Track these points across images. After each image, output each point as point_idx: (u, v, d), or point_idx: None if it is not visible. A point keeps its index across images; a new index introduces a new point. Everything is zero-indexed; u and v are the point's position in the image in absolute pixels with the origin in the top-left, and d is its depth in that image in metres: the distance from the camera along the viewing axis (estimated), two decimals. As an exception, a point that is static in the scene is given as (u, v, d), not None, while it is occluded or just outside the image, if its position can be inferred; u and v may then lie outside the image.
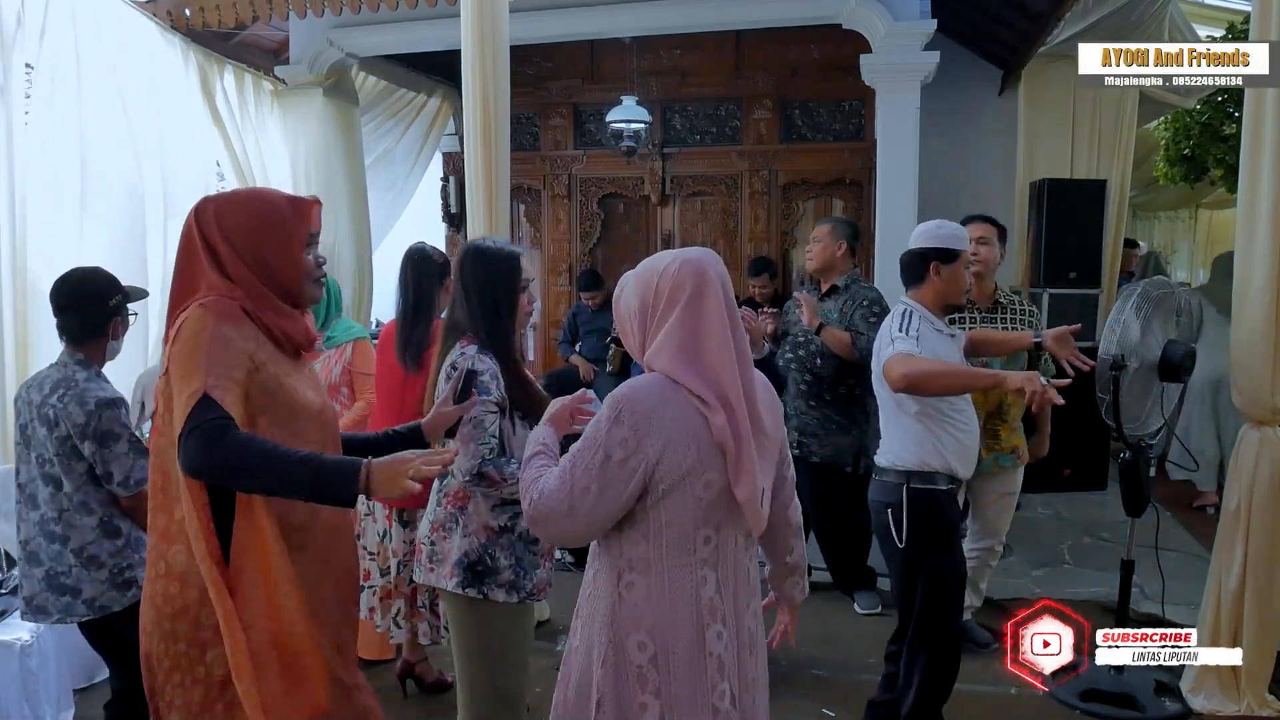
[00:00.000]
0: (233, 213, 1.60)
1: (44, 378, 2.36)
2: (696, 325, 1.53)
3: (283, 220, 1.61)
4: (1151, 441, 3.01)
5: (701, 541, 1.56)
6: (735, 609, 1.60)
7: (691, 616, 1.54)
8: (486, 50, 3.29)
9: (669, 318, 1.54)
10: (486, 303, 2.14)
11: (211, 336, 1.49)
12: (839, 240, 3.79)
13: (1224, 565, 2.93)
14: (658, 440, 1.50)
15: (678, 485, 1.52)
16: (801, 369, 3.75)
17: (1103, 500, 5.26)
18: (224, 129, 4.79)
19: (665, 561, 1.56)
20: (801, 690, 3.18)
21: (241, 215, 1.60)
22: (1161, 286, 2.95)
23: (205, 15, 4.35)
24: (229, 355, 1.49)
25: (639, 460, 1.50)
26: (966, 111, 5.88)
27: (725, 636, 1.57)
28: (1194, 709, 2.93)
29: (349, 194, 5.34)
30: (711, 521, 1.56)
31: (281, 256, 1.60)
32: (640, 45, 5.99)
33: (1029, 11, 4.75)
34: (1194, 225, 10.51)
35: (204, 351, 1.48)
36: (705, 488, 1.53)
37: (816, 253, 3.79)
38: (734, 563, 1.61)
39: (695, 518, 1.54)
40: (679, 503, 1.53)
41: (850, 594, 3.95)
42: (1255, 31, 2.80)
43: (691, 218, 6.54)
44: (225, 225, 1.58)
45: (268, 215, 1.61)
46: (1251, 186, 2.82)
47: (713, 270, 1.57)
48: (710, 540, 1.57)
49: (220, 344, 1.49)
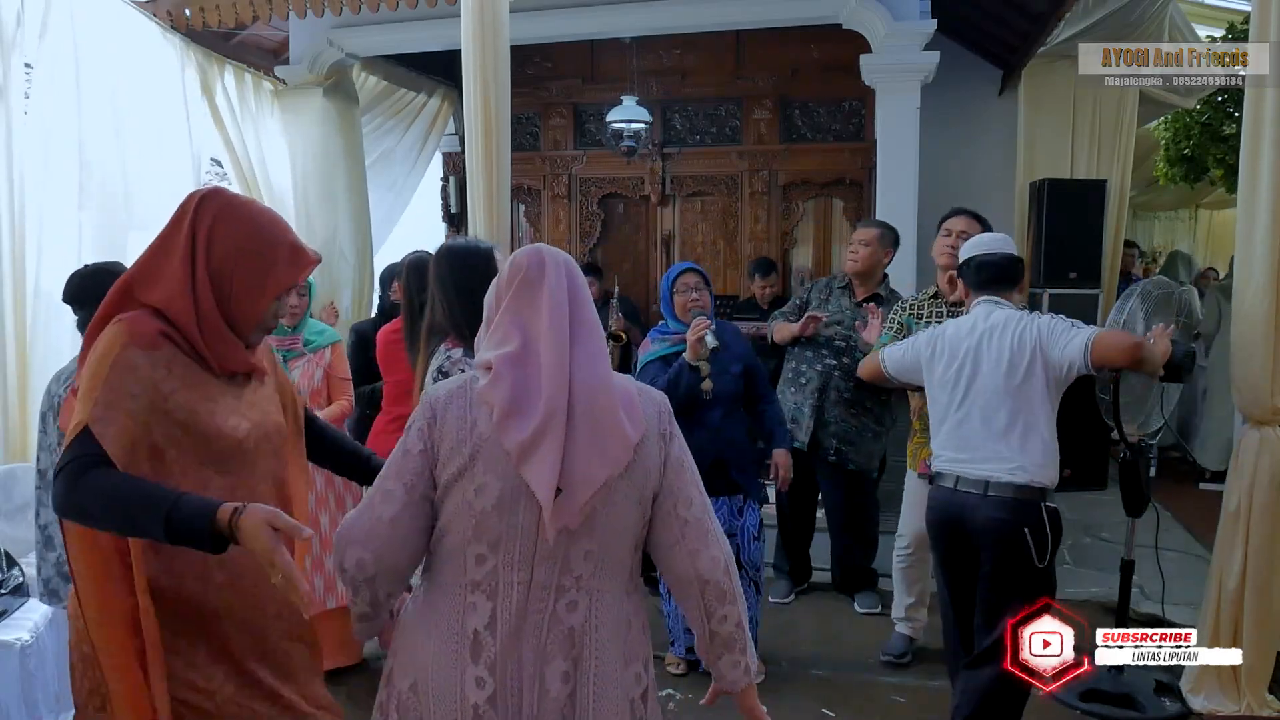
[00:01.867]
0: (230, 221, 1.50)
1: (67, 371, 2.43)
2: (518, 318, 1.38)
3: (273, 262, 1.51)
4: (1152, 441, 3.00)
5: (474, 560, 1.33)
6: (518, 660, 1.30)
7: (447, 650, 1.31)
8: (487, 50, 3.29)
9: (498, 311, 1.43)
10: (465, 303, 2.13)
11: (114, 362, 1.38)
12: (887, 247, 3.73)
13: (1224, 565, 2.93)
14: (439, 432, 1.36)
15: (451, 486, 1.34)
16: (846, 375, 3.67)
17: (1103, 500, 5.25)
18: (224, 129, 4.79)
19: (436, 576, 1.39)
20: (801, 690, 3.18)
21: (238, 231, 1.49)
22: (1162, 286, 2.95)
23: (205, 15, 4.35)
24: (127, 384, 1.38)
25: (426, 453, 1.36)
26: (966, 111, 5.87)
27: (489, 688, 1.30)
28: (1194, 709, 2.93)
29: (349, 194, 5.34)
30: (485, 538, 1.32)
31: (248, 292, 1.50)
32: (640, 45, 5.99)
33: (1029, 11, 4.75)
34: (1194, 225, 10.52)
35: (102, 378, 1.37)
36: (478, 493, 1.32)
37: (864, 256, 3.68)
38: (521, 599, 1.31)
39: (466, 528, 1.33)
40: (452, 508, 1.34)
41: (850, 594, 3.95)
42: (1255, 31, 2.80)
43: (691, 218, 6.54)
44: (217, 229, 1.48)
45: (260, 249, 1.50)
46: (1251, 187, 2.82)
47: (550, 261, 1.41)
48: (485, 561, 1.32)
49: (120, 371, 1.38)
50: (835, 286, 3.84)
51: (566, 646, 1.32)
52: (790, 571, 4.05)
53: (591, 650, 1.33)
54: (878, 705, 3.08)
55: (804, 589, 4.08)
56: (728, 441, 3.15)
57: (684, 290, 3.17)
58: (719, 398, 3.12)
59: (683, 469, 1.41)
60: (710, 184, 6.41)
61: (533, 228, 6.78)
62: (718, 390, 3.11)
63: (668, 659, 3.32)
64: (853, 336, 3.62)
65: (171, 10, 4.37)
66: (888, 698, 3.13)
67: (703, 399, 3.11)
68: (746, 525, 3.20)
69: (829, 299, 3.81)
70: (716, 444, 3.12)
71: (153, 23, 4.30)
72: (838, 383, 3.71)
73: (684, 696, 3.13)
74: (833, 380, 3.71)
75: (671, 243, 6.54)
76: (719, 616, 1.40)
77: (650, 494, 1.38)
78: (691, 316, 3.11)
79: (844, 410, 3.72)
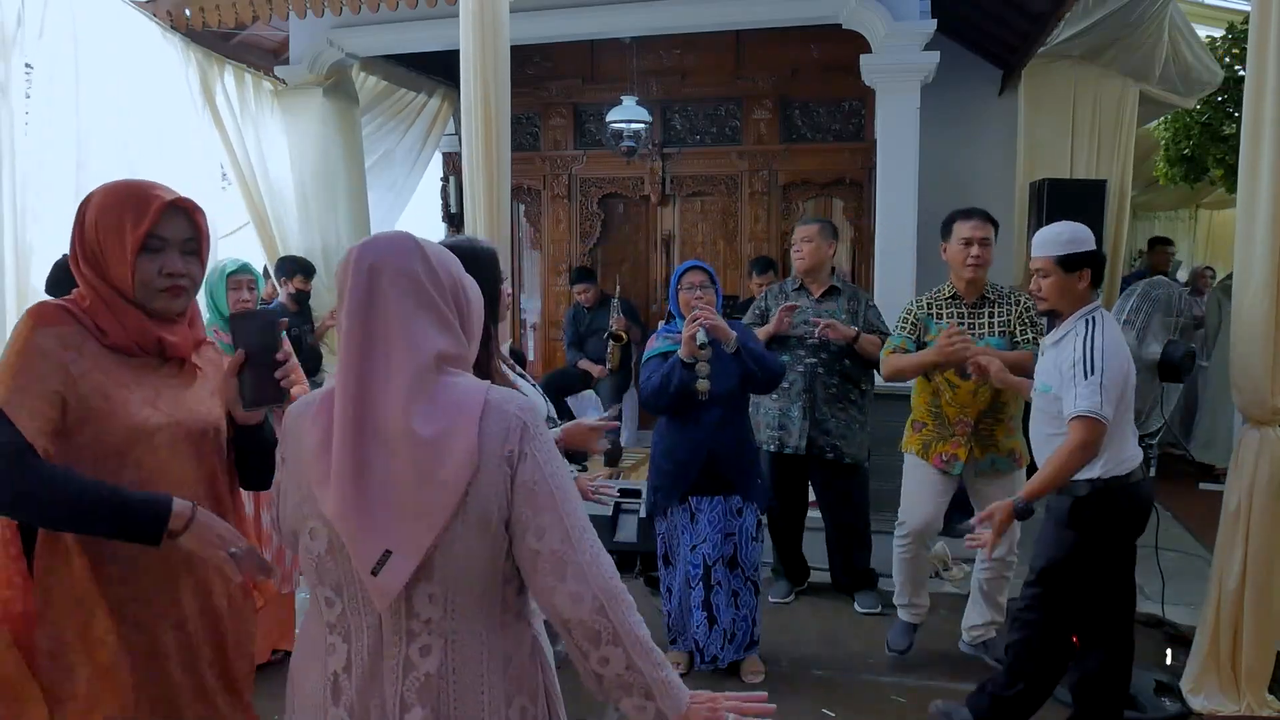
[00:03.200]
0: (96, 198, 1.50)
1: None
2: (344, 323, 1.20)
3: (120, 218, 1.47)
4: (1152, 442, 3.00)
5: (325, 602, 1.22)
6: (380, 703, 1.18)
7: (317, 688, 1.23)
8: (487, 50, 3.29)
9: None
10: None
11: (22, 347, 1.40)
12: (829, 240, 3.83)
13: (1224, 565, 2.93)
14: (287, 450, 1.25)
15: (295, 519, 1.23)
16: (829, 371, 3.73)
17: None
18: (224, 129, 4.80)
19: (310, 610, 1.28)
20: (801, 690, 3.18)
21: (99, 204, 1.49)
22: (1162, 286, 2.95)
23: (205, 15, 4.35)
24: (36, 366, 1.39)
25: (279, 481, 1.27)
26: (966, 111, 5.87)
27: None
28: (1194, 709, 2.93)
29: (349, 194, 5.35)
30: (328, 581, 1.21)
31: (113, 251, 1.47)
32: (640, 45, 5.99)
33: (1029, 11, 4.74)
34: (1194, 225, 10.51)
35: (10, 362, 1.39)
36: (312, 536, 1.20)
37: (808, 252, 3.78)
38: (374, 642, 1.19)
39: (310, 571, 1.22)
40: (300, 546, 1.23)
41: (850, 594, 3.96)
42: (1255, 31, 2.80)
43: (691, 218, 6.54)
44: (87, 212, 1.49)
45: (112, 208, 1.48)
46: (1251, 187, 2.82)
47: (354, 261, 1.20)
48: (334, 604, 1.21)
49: (29, 355, 1.39)
50: (789, 289, 3.90)
51: (425, 694, 1.18)
52: (787, 572, 4.06)
53: (450, 698, 1.18)
54: (878, 705, 3.08)
55: (804, 589, 4.09)
56: (723, 442, 3.15)
57: (688, 288, 3.18)
58: (716, 398, 3.12)
59: (534, 494, 1.17)
60: (710, 184, 6.42)
61: (533, 228, 6.79)
62: (716, 390, 3.12)
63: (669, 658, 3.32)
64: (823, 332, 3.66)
65: (171, 10, 4.37)
66: (888, 698, 3.13)
67: (698, 399, 3.12)
68: (744, 526, 3.21)
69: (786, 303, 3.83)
70: (711, 443, 3.13)
71: (153, 23, 4.30)
72: (824, 379, 3.74)
73: (684, 696, 3.12)
74: (818, 378, 3.74)
75: (671, 243, 6.54)
76: (597, 658, 1.19)
77: (499, 522, 1.18)
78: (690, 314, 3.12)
79: (833, 406, 3.76)
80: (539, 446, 1.20)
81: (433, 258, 1.21)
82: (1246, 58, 2.90)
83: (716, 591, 3.18)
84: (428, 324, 1.18)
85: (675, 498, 3.22)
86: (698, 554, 3.19)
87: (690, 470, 3.16)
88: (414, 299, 1.18)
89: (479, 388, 1.19)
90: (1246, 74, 2.87)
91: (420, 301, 1.18)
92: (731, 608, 3.20)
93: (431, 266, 1.20)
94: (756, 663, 3.26)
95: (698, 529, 3.19)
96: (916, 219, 4.53)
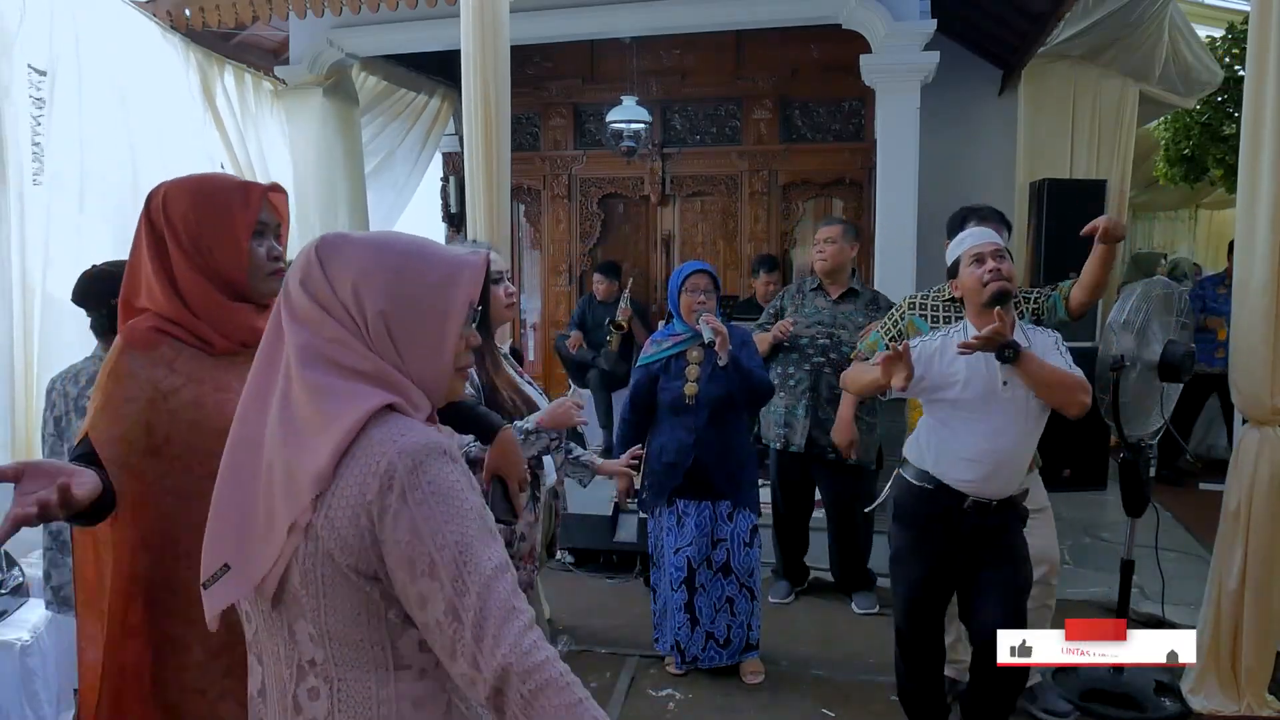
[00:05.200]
0: (178, 197, 1.51)
1: (78, 370, 2.39)
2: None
3: (227, 204, 1.50)
4: (1152, 442, 3.00)
5: (245, 616, 1.14)
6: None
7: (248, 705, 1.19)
8: (487, 50, 3.29)
9: None
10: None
11: (111, 370, 1.46)
12: (852, 242, 3.80)
13: (1224, 565, 2.93)
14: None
15: None
16: (835, 372, 3.65)
17: (1103, 500, 5.25)
18: (224, 129, 4.79)
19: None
20: (801, 690, 3.18)
21: (186, 199, 1.50)
22: (1161, 286, 2.95)
23: (205, 15, 4.35)
24: (123, 388, 1.45)
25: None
26: (966, 111, 5.88)
27: None
28: (1194, 709, 2.93)
29: (349, 194, 5.35)
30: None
31: (223, 243, 1.49)
32: (640, 45, 5.99)
33: (1029, 11, 4.74)
34: (1194, 225, 10.50)
35: (101, 386, 1.46)
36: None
37: (831, 254, 3.73)
38: (276, 676, 1.10)
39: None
40: None
41: (850, 595, 3.95)
42: (1255, 31, 2.80)
43: (691, 218, 6.54)
44: (169, 208, 1.49)
45: (212, 198, 1.50)
46: (1251, 187, 2.82)
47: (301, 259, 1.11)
48: (251, 621, 1.13)
49: (117, 378, 1.45)
50: (807, 289, 3.88)
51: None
52: (787, 572, 4.06)
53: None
54: (878, 705, 3.08)
55: (803, 589, 4.09)
56: (708, 446, 3.15)
57: (692, 291, 3.17)
58: (703, 402, 3.13)
59: (410, 562, 1.00)
60: (710, 184, 6.42)
61: (533, 228, 6.79)
62: (704, 395, 3.12)
63: (666, 660, 3.33)
64: (836, 334, 3.68)
65: (171, 10, 4.37)
66: (888, 698, 3.12)
67: (684, 403, 3.12)
68: (736, 531, 3.21)
69: (804, 303, 3.84)
70: (697, 447, 3.14)
71: (153, 23, 4.30)
72: (829, 379, 3.73)
73: (684, 696, 3.13)
74: (823, 378, 3.74)
75: (671, 243, 6.54)
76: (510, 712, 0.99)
77: (370, 573, 1.03)
78: (695, 319, 3.13)
79: (836, 407, 3.72)
80: (412, 503, 1.00)
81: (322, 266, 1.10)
82: (1246, 58, 2.90)
83: (700, 595, 3.18)
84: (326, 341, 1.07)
85: (662, 498, 3.23)
86: (681, 556, 3.19)
87: (676, 472, 3.17)
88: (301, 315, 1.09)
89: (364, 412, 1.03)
90: (1246, 74, 2.87)
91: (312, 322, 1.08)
92: (726, 613, 3.20)
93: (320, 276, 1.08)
94: (757, 664, 3.26)
95: (684, 531, 3.20)
96: (916, 219, 4.52)
